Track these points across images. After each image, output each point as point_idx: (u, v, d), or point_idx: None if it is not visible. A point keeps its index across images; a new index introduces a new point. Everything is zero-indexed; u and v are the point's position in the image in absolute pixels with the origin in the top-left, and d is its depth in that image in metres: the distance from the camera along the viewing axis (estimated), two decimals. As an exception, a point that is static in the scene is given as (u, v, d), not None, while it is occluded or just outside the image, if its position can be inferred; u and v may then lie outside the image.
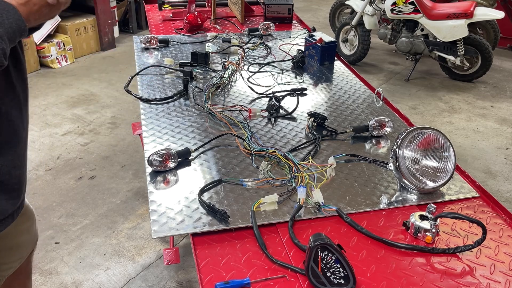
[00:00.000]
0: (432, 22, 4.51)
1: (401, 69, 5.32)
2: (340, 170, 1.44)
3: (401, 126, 1.72)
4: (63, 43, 5.06)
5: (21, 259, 1.54)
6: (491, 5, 4.96)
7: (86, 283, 2.36)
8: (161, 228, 1.17)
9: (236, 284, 1.01)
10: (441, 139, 1.35)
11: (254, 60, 2.23)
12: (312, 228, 1.20)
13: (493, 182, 3.31)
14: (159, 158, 1.38)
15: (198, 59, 2.12)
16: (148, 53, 2.27)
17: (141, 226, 2.76)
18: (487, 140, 3.85)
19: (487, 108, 4.41)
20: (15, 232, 1.37)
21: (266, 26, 2.55)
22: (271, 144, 1.56)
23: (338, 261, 0.99)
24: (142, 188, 3.08)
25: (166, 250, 1.76)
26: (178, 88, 1.90)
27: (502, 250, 1.15)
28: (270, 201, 1.25)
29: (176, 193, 1.30)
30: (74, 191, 3.06)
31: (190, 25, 2.53)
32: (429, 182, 1.34)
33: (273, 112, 1.74)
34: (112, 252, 2.56)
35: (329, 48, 2.23)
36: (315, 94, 1.96)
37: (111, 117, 4.05)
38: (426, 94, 4.68)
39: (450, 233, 1.20)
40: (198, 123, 1.67)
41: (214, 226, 1.18)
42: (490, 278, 1.07)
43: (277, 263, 1.07)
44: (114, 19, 5.72)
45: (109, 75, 4.93)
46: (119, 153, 3.51)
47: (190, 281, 2.40)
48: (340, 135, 1.64)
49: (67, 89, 4.55)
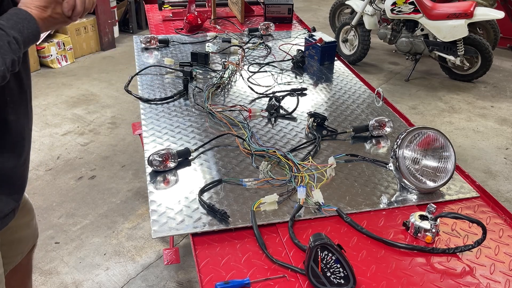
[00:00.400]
0: (432, 22, 4.51)
1: (401, 69, 5.32)
2: (340, 170, 1.44)
3: (401, 126, 1.72)
4: (63, 43, 5.06)
5: (22, 254, 1.55)
6: (491, 5, 4.96)
7: (86, 283, 2.36)
8: (161, 228, 1.17)
9: (236, 284, 1.01)
10: (441, 139, 1.35)
11: (254, 60, 2.23)
12: (312, 228, 1.20)
13: (493, 182, 3.31)
14: (159, 158, 1.38)
15: (198, 59, 2.12)
16: (148, 53, 2.27)
17: (141, 226, 2.76)
18: (487, 140, 3.85)
19: (487, 108, 4.41)
20: (15, 227, 1.38)
21: (266, 26, 2.55)
22: (271, 144, 1.56)
23: (338, 261, 0.99)
24: (142, 188, 3.09)
25: (166, 250, 1.76)
26: (178, 88, 1.90)
27: (502, 250, 1.15)
28: (270, 201, 1.25)
29: (176, 193, 1.30)
30: (74, 191, 3.06)
31: (190, 25, 2.53)
32: (429, 182, 1.34)
33: (273, 112, 1.74)
34: (112, 252, 2.56)
35: (329, 48, 2.23)
36: (315, 94, 1.96)
37: (111, 117, 4.05)
38: (426, 94, 4.68)
39: (450, 233, 1.20)
40: (198, 123, 1.67)
41: (214, 226, 1.18)
42: (490, 278, 1.07)
43: (277, 263, 1.07)
44: (114, 19, 5.72)
45: (109, 75, 4.93)
46: (119, 153, 3.51)
47: (190, 281, 2.40)
48: (340, 135, 1.64)
49: (67, 89, 4.55)
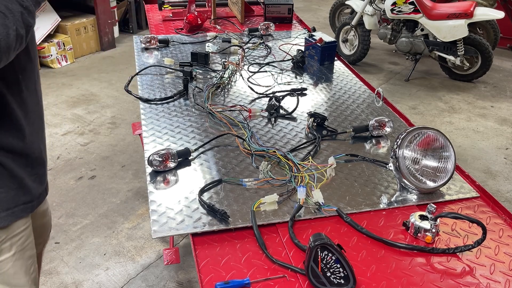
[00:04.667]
0: (432, 22, 4.51)
1: (401, 69, 5.32)
2: (340, 170, 1.44)
3: (401, 126, 1.72)
4: (63, 43, 5.06)
5: (44, 243, 1.59)
6: (491, 5, 4.96)
7: (86, 283, 2.36)
8: (161, 228, 1.17)
9: (236, 284, 1.01)
10: (441, 139, 1.35)
11: (254, 60, 2.23)
12: (312, 228, 1.20)
13: (493, 182, 3.31)
14: (159, 158, 1.38)
15: (198, 59, 2.12)
16: (148, 53, 2.27)
17: (141, 226, 2.76)
18: (487, 140, 3.85)
19: (487, 108, 4.41)
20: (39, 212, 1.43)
21: (266, 26, 2.55)
22: (271, 144, 1.56)
23: (338, 261, 0.99)
24: (142, 188, 3.08)
25: (166, 250, 1.76)
26: (178, 88, 1.90)
27: (502, 250, 1.15)
28: (270, 201, 1.25)
29: (176, 193, 1.30)
30: (74, 191, 3.06)
31: (190, 25, 2.53)
32: (429, 182, 1.34)
33: (273, 112, 1.74)
34: (112, 252, 2.56)
35: (329, 48, 2.22)
36: (315, 94, 1.96)
37: (111, 117, 4.05)
38: (426, 94, 4.68)
39: (450, 233, 1.20)
40: (198, 123, 1.67)
41: (214, 226, 1.18)
42: (490, 278, 1.07)
43: (277, 263, 1.07)
44: (114, 19, 5.72)
45: (109, 75, 4.93)
46: (119, 153, 3.51)
47: (190, 281, 2.40)
48: (340, 135, 1.64)
49: (67, 89, 4.55)
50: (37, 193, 1.27)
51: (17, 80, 1.14)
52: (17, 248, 1.25)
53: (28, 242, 1.30)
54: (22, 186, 1.20)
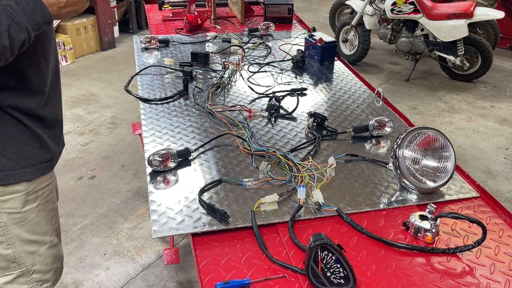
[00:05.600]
0: (432, 22, 4.51)
1: (401, 69, 5.32)
2: (340, 170, 1.44)
3: (401, 126, 1.72)
4: (63, 43, 5.07)
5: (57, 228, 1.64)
6: (491, 5, 4.96)
7: (86, 283, 2.36)
8: (161, 228, 1.17)
9: (236, 284, 1.01)
10: (441, 139, 1.35)
11: (254, 60, 2.22)
12: (312, 228, 1.20)
13: (493, 182, 3.31)
14: (159, 158, 1.38)
15: (198, 59, 2.12)
16: (148, 53, 2.27)
17: (141, 226, 2.76)
18: (487, 140, 3.85)
19: (487, 108, 4.41)
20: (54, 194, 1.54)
21: (266, 26, 2.55)
22: (271, 144, 1.56)
23: (338, 261, 0.99)
24: (142, 188, 3.09)
25: (166, 250, 1.76)
26: (178, 88, 1.90)
27: (502, 250, 1.15)
28: (270, 201, 1.25)
29: (176, 193, 1.30)
30: (74, 191, 3.06)
31: (190, 25, 2.53)
32: (429, 182, 1.34)
33: (273, 112, 1.74)
34: (112, 252, 2.56)
35: (329, 48, 2.23)
36: (315, 94, 1.96)
37: (111, 117, 4.05)
38: (426, 94, 4.68)
39: (450, 233, 1.20)
40: (198, 123, 1.67)
41: (214, 226, 1.18)
42: (490, 278, 1.07)
43: (277, 263, 1.07)
44: (114, 19, 5.72)
45: (109, 75, 4.93)
46: (119, 153, 3.51)
47: (190, 281, 2.40)
48: (340, 135, 1.64)
49: (67, 89, 4.55)
50: (56, 152, 1.43)
51: (35, 53, 1.25)
52: (41, 201, 1.39)
53: (51, 196, 1.46)
54: (44, 145, 1.35)
